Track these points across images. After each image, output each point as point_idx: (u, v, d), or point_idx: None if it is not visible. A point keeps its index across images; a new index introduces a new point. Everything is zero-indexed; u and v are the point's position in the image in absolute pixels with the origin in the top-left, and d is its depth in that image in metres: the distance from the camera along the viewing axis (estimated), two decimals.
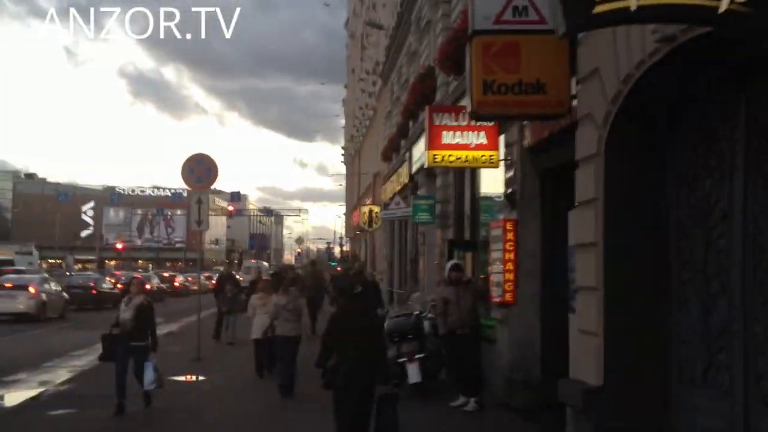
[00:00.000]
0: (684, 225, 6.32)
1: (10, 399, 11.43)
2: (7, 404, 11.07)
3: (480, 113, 7.38)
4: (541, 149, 9.57)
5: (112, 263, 78.27)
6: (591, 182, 6.71)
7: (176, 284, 46.59)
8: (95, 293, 31.26)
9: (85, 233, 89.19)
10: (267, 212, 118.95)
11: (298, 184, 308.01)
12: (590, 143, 6.74)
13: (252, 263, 58.26)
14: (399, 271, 25.68)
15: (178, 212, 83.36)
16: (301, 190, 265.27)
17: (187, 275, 51.55)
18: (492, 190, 12.28)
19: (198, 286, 39.54)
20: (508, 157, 10.70)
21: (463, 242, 14.07)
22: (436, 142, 11.49)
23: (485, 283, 11.53)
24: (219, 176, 16.19)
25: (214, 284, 22.30)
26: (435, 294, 12.33)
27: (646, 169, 6.57)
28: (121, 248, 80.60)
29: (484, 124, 10.83)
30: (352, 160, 54.94)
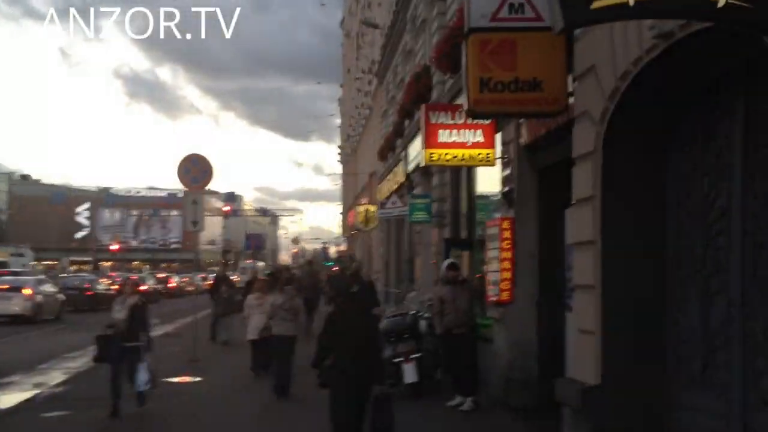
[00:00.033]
0: (682, 222, 6.28)
1: (4, 401, 11.35)
2: (1, 406, 10.98)
3: (476, 111, 7.35)
4: (538, 147, 9.52)
5: (108, 264, 78.12)
6: (588, 180, 6.67)
7: (171, 285, 46.56)
8: (91, 294, 31.26)
9: (80, 234, 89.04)
10: (262, 212, 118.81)
11: (295, 184, 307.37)
12: (587, 140, 6.70)
13: (248, 264, 58.28)
14: (395, 271, 25.66)
15: (174, 213, 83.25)
16: (298, 190, 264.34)
17: (183, 276, 51.52)
18: (488, 188, 12.25)
19: (194, 287, 40.01)
20: (505, 155, 10.66)
21: (460, 241, 14.04)
22: (433, 140, 11.46)
23: (481, 282, 11.49)
24: (215, 176, 16.20)
25: (210, 285, 22.31)
26: (431, 293, 12.28)
27: (644, 167, 6.54)
28: (116, 249, 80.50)
29: (481, 122, 10.81)
30: (349, 159, 54.91)
